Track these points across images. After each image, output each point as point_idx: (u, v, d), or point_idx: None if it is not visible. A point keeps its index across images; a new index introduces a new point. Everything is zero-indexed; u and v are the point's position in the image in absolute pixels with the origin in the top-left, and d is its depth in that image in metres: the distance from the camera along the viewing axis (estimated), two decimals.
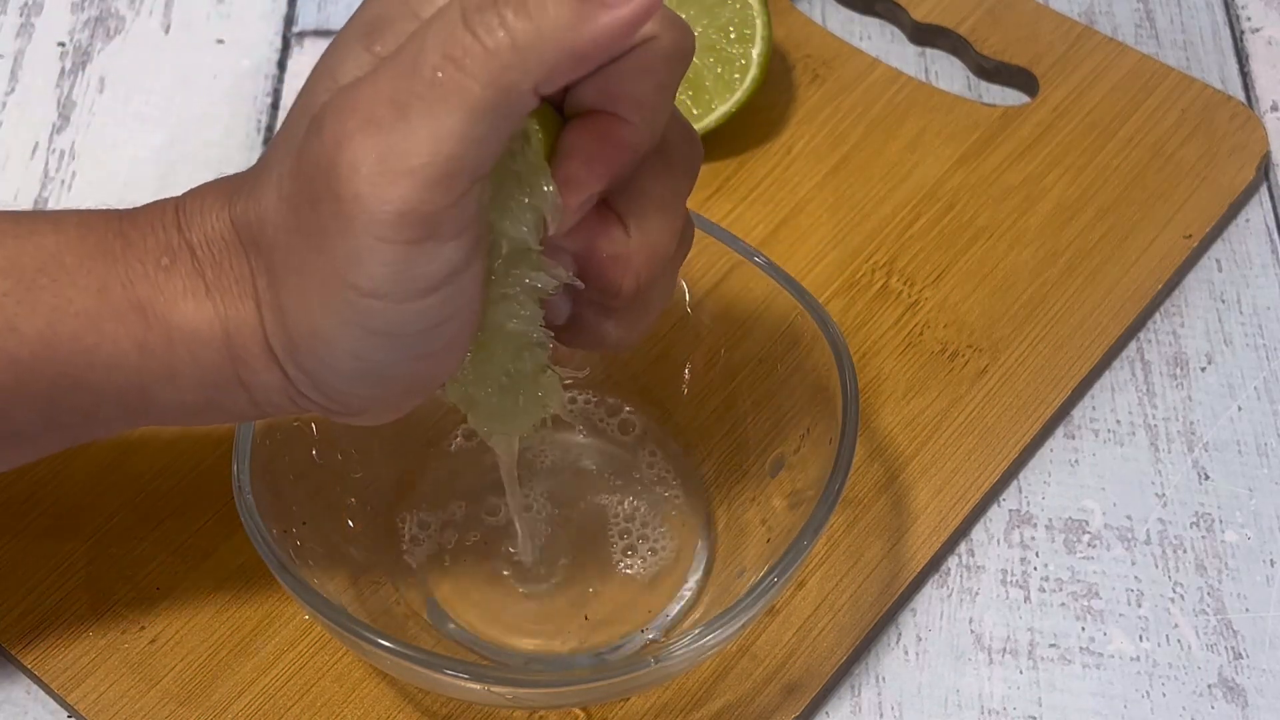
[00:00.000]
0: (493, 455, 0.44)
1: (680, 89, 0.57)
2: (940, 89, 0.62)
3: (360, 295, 0.33)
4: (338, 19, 0.65)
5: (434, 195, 0.32)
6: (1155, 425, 0.53)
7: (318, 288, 0.34)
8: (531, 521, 0.48)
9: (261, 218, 0.35)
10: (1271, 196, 0.60)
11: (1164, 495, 0.51)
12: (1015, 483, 0.52)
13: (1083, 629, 0.48)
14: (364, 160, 0.32)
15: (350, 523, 0.47)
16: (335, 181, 0.32)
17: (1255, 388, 0.54)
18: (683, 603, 0.47)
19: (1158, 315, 0.56)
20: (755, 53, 0.58)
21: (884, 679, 0.47)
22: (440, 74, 0.31)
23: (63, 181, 0.60)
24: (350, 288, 0.33)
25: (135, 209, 0.38)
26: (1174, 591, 0.49)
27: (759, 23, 0.58)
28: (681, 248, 0.38)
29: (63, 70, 0.64)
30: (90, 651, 0.46)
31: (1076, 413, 0.53)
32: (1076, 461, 0.52)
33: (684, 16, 0.58)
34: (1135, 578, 0.50)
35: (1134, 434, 0.53)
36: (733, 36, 0.58)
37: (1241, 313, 0.56)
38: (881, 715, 0.47)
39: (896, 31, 0.65)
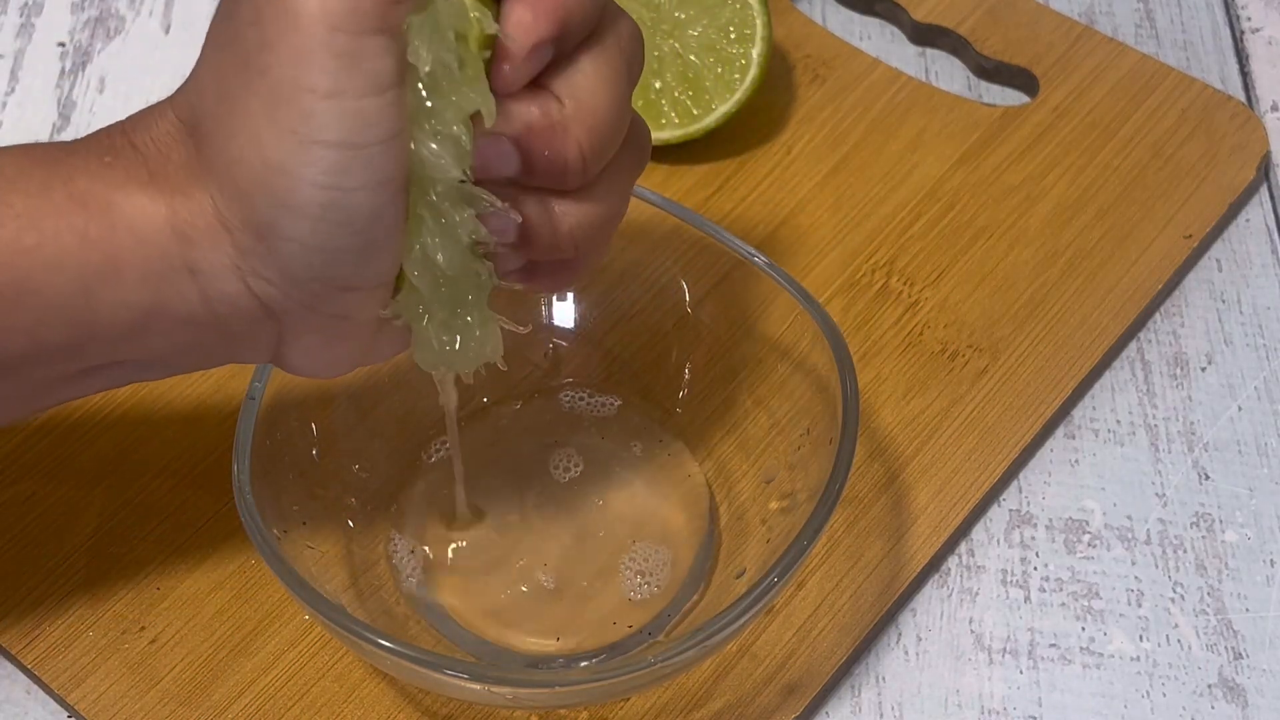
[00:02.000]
0: (488, 453, 0.44)
1: (680, 89, 0.58)
2: (940, 89, 0.62)
3: (316, 98, 0.33)
4: None
5: None
6: (1155, 425, 0.53)
7: (267, 112, 0.33)
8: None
9: (200, 89, 0.35)
10: (1271, 196, 0.60)
11: (1164, 495, 0.51)
12: (1015, 483, 0.52)
13: (1083, 629, 0.48)
14: None
15: (350, 523, 0.47)
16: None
17: (1255, 388, 0.54)
18: (683, 603, 0.47)
19: (1158, 315, 0.56)
20: (755, 53, 0.58)
21: (884, 679, 0.48)
22: None
23: None
24: (306, 92, 0.33)
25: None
26: (1174, 591, 0.49)
27: (759, 23, 0.58)
28: (630, 145, 0.39)
29: (63, 70, 0.64)
30: (90, 651, 0.46)
31: (1077, 413, 0.53)
32: (1077, 461, 0.52)
33: (684, 16, 0.58)
34: (1135, 578, 0.50)
35: (1134, 434, 0.53)
36: (733, 36, 0.58)
37: (1241, 313, 0.56)
38: (881, 715, 0.47)
39: (896, 31, 0.65)
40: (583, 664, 0.46)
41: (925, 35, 0.64)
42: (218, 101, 0.35)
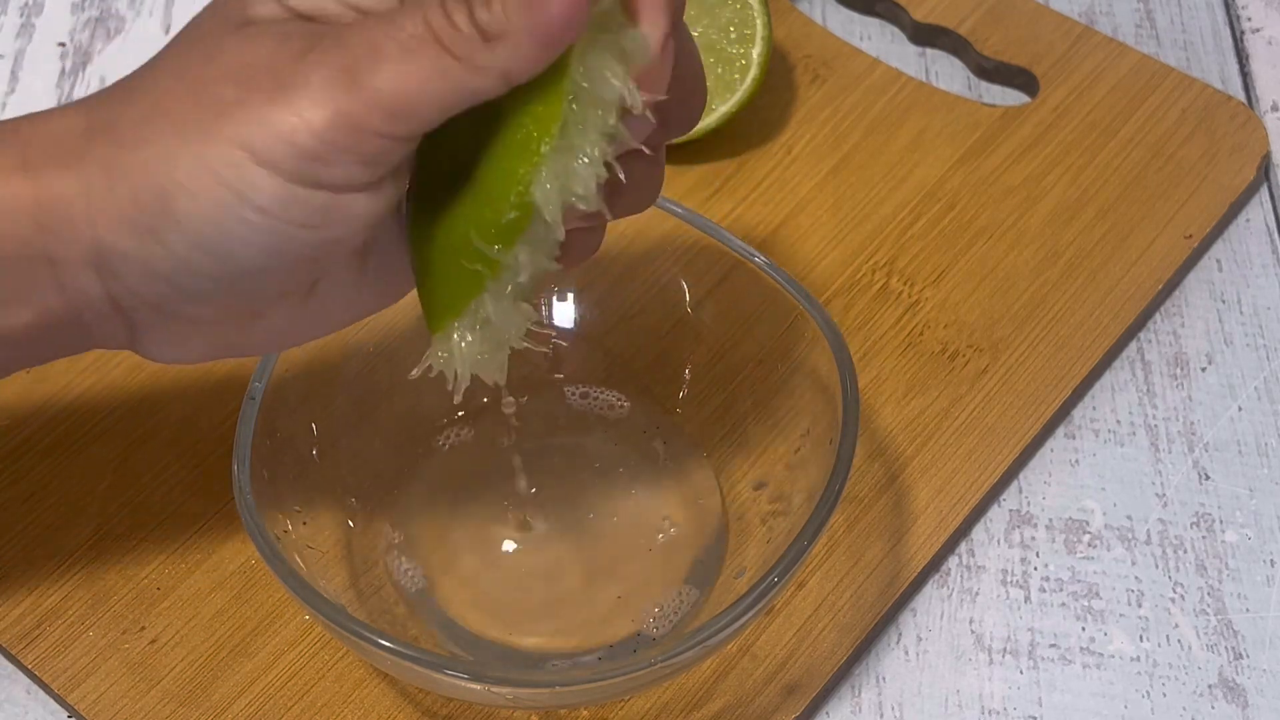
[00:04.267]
0: (488, 452, 0.44)
1: None
2: (940, 89, 0.62)
3: (253, 161, 0.33)
4: None
5: (376, 117, 0.33)
6: (1155, 425, 0.53)
7: (201, 143, 0.33)
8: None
9: (133, 101, 0.35)
10: (1272, 196, 0.60)
11: (1164, 495, 0.51)
12: (1015, 483, 0.52)
13: (1083, 629, 0.48)
14: (329, 63, 0.33)
15: (350, 523, 0.47)
16: (292, 68, 0.33)
17: (1255, 388, 0.54)
18: (683, 603, 0.47)
19: (1158, 315, 0.56)
20: (755, 53, 0.58)
21: (884, 679, 0.48)
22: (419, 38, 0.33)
23: None
24: (245, 149, 0.33)
25: None
26: (1174, 591, 0.49)
27: (759, 23, 0.58)
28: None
29: (63, 70, 0.64)
30: (90, 651, 0.46)
31: (1077, 413, 0.53)
32: (1077, 461, 0.52)
33: (683, 17, 0.58)
34: (1135, 578, 0.50)
35: (1134, 434, 0.53)
36: (733, 36, 0.58)
37: (1241, 313, 0.56)
38: (881, 715, 0.47)
39: (897, 31, 0.65)
40: (583, 664, 0.46)
41: (925, 35, 0.64)
42: (151, 113, 0.35)
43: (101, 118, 0.35)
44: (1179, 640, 0.48)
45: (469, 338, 0.38)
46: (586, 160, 0.35)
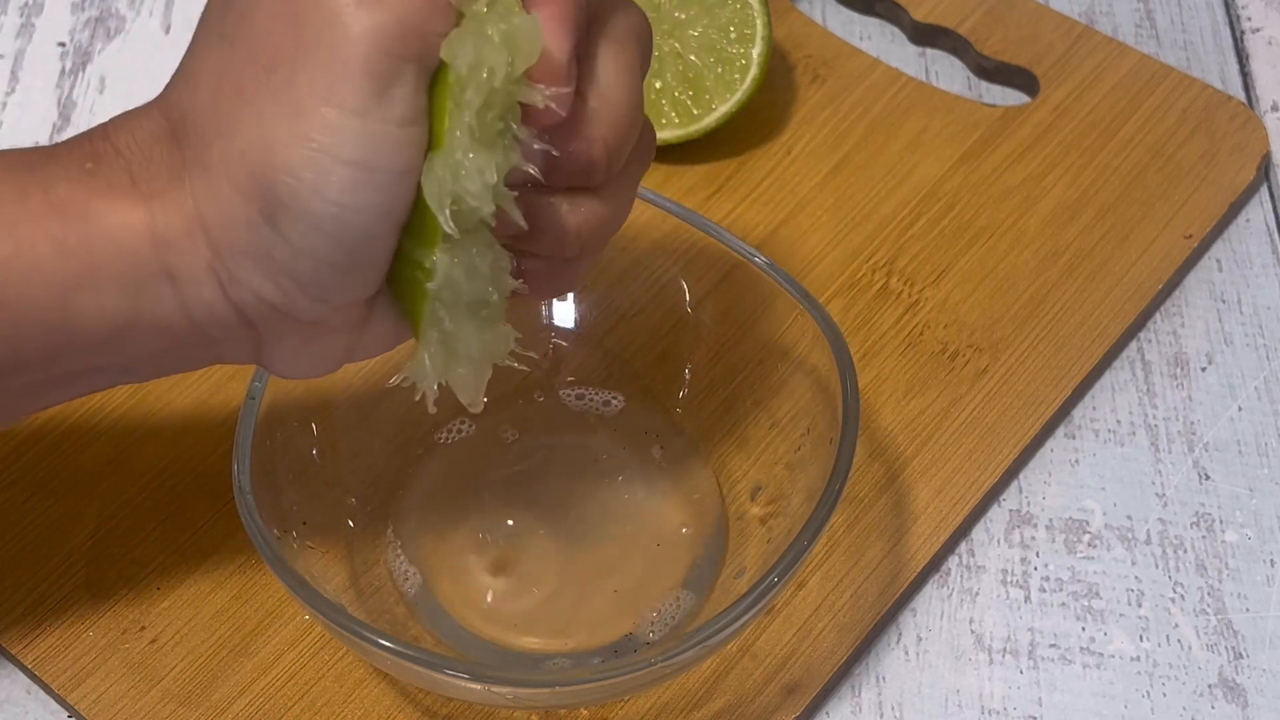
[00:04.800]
0: (488, 452, 0.44)
1: (680, 89, 0.57)
2: (940, 89, 0.62)
3: (343, 114, 0.33)
4: None
5: (428, 15, 0.33)
6: (1155, 425, 0.53)
7: (286, 116, 0.33)
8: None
9: (194, 83, 0.35)
10: (1272, 196, 0.60)
11: (1164, 495, 0.51)
12: (1015, 483, 0.52)
13: (1083, 629, 0.48)
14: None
15: (350, 523, 0.47)
16: (330, 10, 0.33)
17: (1255, 388, 0.54)
18: (683, 602, 0.47)
19: (1158, 315, 0.56)
20: (755, 53, 0.58)
21: (884, 679, 0.47)
22: None
23: None
24: (334, 106, 0.33)
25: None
26: (1174, 591, 0.49)
27: (759, 23, 0.58)
28: (640, 141, 0.38)
29: (63, 70, 0.64)
30: (90, 651, 0.46)
31: (1077, 413, 0.53)
32: (1077, 461, 0.52)
33: (684, 16, 0.58)
34: (1135, 578, 0.50)
35: (1134, 434, 0.53)
36: (733, 36, 0.58)
37: (1241, 313, 0.56)
38: (881, 715, 0.47)
39: (896, 31, 0.65)
40: (583, 664, 0.46)
41: (925, 35, 0.64)
42: (217, 96, 0.34)
43: (175, 114, 0.35)
44: (1179, 640, 0.48)
45: (433, 350, 0.38)
46: (471, 155, 0.34)
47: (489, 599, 0.47)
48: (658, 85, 0.58)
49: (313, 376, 0.39)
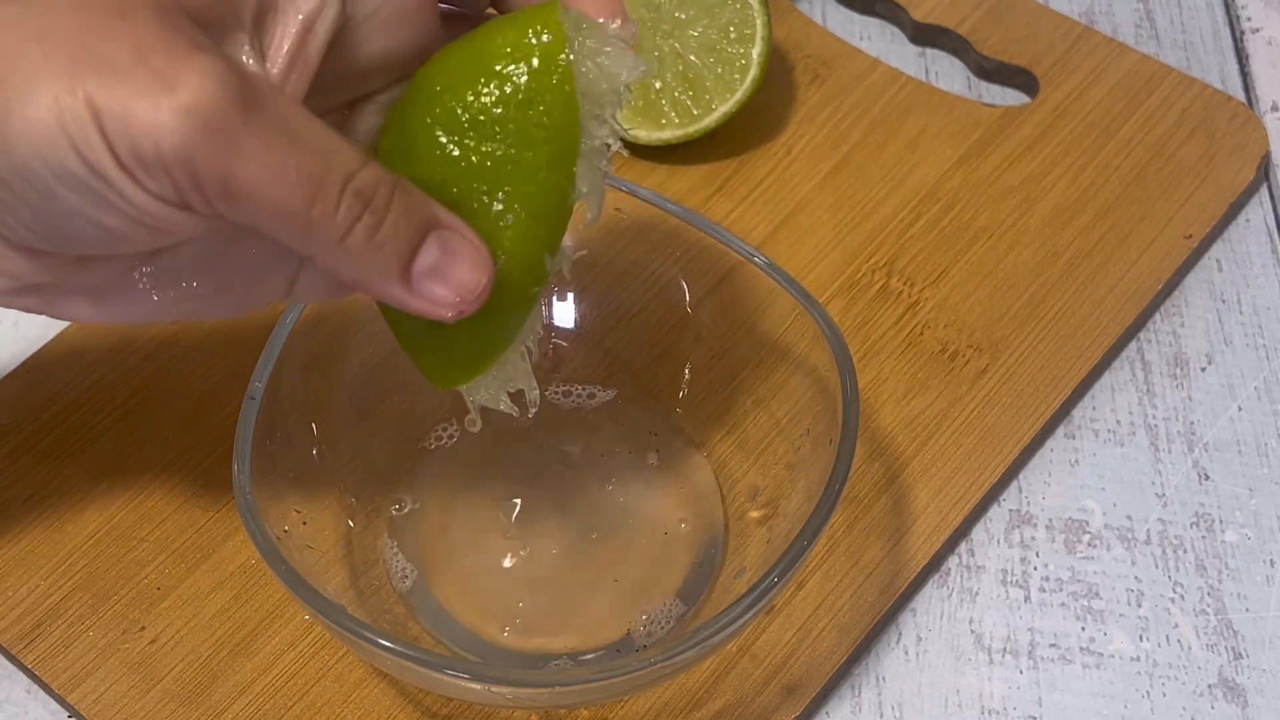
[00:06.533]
0: (488, 452, 0.44)
1: (680, 89, 0.58)
2: (940, 89, 0.62)
3: (95, 128, 0.32)
4: None
5: (212, 186, 0.32)
6: (1155, 425, 0.53)
7: (56, 79, 0.32)
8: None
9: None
10: (1271, 196, 0.60)
11: (1164, 495, 0.51)
12: (1015, 483, 0.52)
13: (1083, 629, 0.48)
14: (216, 102, 0.32)
15: (350, 523, 0.47)
16: (188, 69, 0.32)
17: (1255, 388, 0.54)
18: (684, 603, 0.47)
19: (1158, 315, 0.56)
20: (755, 53, 0.58)
21: (884, 679, 0.48)
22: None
23: None
24: (94, 115, 0.31)
25: None
26: (1174, 591, 0.49)
27: (759, 23, 0.58)
28: None
29: None
30: (90, 651, 0.46)
31: (1076, 413, 0.53)
32: (1076, 461, 0.52)
33: (684, 16, 0.58)
34: (1135, 578, 0.50)
35: (1134, 434, 0.53)
36: (733, 36, 0.58)
37: (1241, 313, 0.56)
38: (881, 715, 0.47)
39: (896, 31, 0.65)
40: (583, 664, 0.46)
41: (925, 35, 0.64)
42: (24, 16, 0.33)
43: None
44: (1179, 640, 0.48)
45: (514, 355, 0.40)
46: (610, 139, 0.37)
47: (489, 599, 0.47)
48: (658, 85, 0.58)
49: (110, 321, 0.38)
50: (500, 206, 0.36)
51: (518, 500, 0.49)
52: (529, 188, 0.36)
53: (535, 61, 0.35)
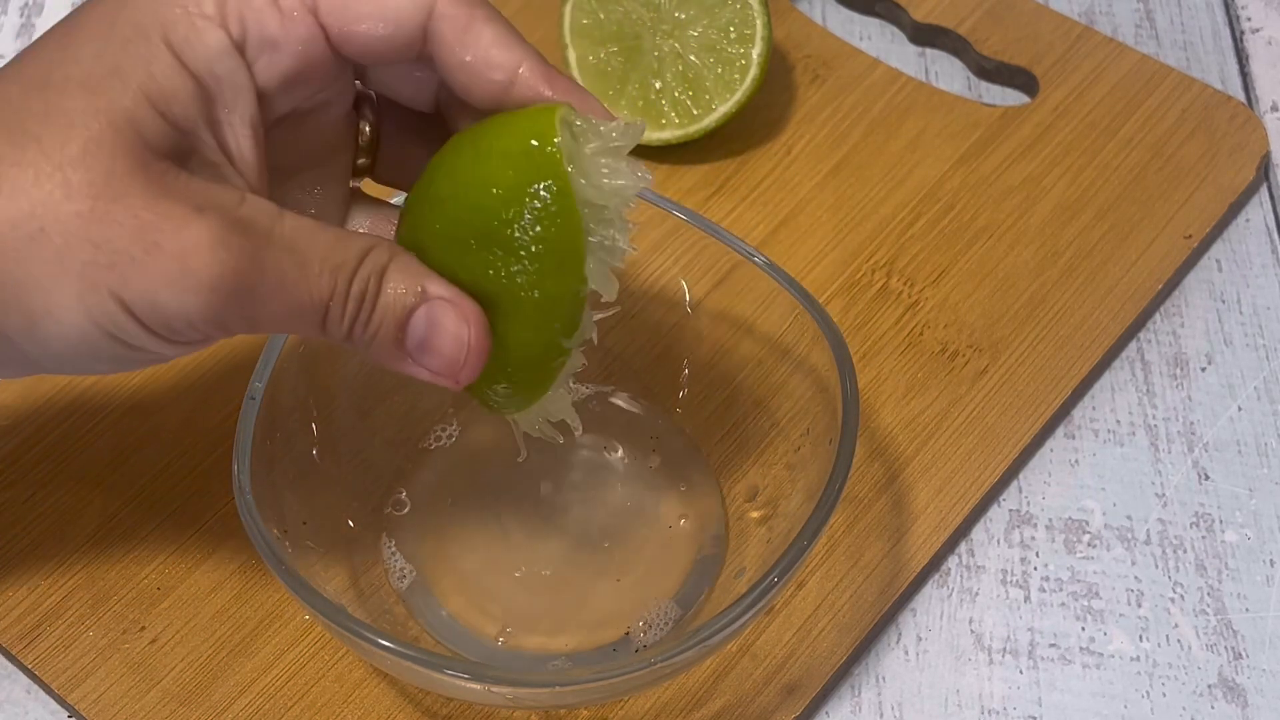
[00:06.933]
0: (487, 453, 0.44)
1: (680, 89, 0.58)
2: (940, 89, 0.62)
3: (127, 315, 0.34)
4: None
5: (242, 327, 0.35)
6: (1155, 425, 0.53)
7: (76, 283, 0.34)
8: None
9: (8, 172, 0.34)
10: (1271, 196, 0.60)
11: (1164, 495, 0.51)
12: (1015, 483, 0.52)
13: (1083, 629, 0.48)
14: (230, 273, 0.34)
15: (350, 522, 0.47)
16: (196, 253, 0.34)
17: (1255, 388, 0.54)
18: (684, 603, 0.47)
19: (1158, 315, 0.56)
20: (755, 53, 0.58)
21: (884, 679, 0.48)
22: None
23: None
24: (123, 307, 0.34)
25: None
26: (1174, 591, 0.49)
27: (759, 23, 0.58)
28: None
29: None
30: (90, 651, 0.46)
31: (1076, 413, 0.53)
32: (1076, 461, 0.52)
33: (684, 16, 0.58)
34: (1135, 578, 0.50)
35: (1134, 434, 0.53)
36: (733, 36, 0.58)
37: (1241, 313, 0.56)
38: (881, 715, 0.47)
39: (896, 31, 0.65)
40: (583, 664, 0.46)
41: (925, 35, 0.64)
42: (29, 218, 0.34)
43: None
44: (1179, 640, 0.48)
45: (555, 396, 0.41)
46: (619, 237, 0.38)
47: (488, 599, 0.47)
48: (658, 85, 0.58)
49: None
50: (511, 304, 0.37)
51: (517, 500, 0.49)
52: (534, 293, 0.37)
53: (534, 179, 0.36)
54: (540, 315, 0.38)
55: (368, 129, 0.41)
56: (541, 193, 0.36)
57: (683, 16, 0.58)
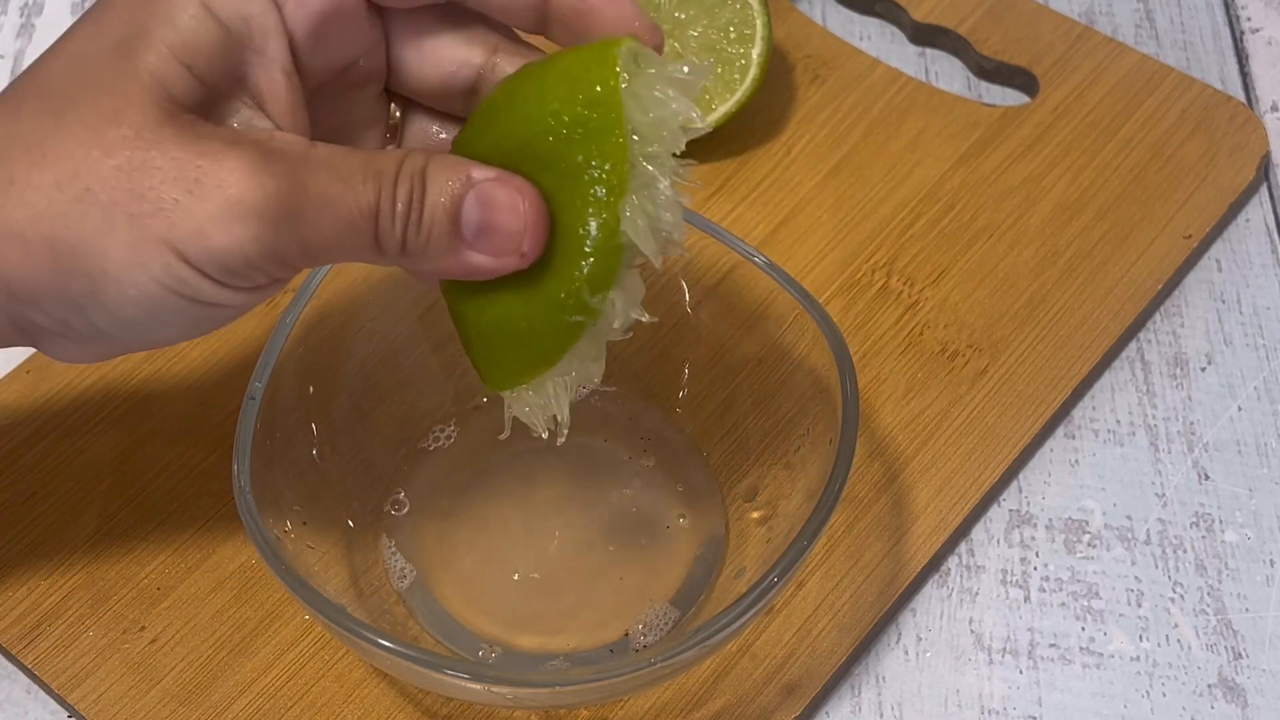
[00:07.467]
0: (487, 453, 0.44)
1: None
2: (940, 89, 0.62)
3: (184, 262, 0.34)
4: None
5: (298, 256, 0.35)
6: (1155, 425, 0.53)
7: (128, 240, 0.34)
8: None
9: (38, 140, 0.35)
10: (1271, 196, 0.60)
11: (1164, 495, 0.51)
12: (1015, 483, 0.52)
13: (1083, 629, 0.48)
14: (280, 196, 0.34)
15: (350, 523, 0.47)
16: (239, 186, 0.34)
17: (1255, 388, 0.54)
18: (684, 603, 0.47)
19: (1158, 315, 0.56)
20: (755, 53, 0.58)
21: (884, 679, 0.48)
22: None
23: None
24: (179, 255, 0.34)
25: None
26: (1174, 591, 0.49)
27: (759, 23, 0.58)
28: None
29: None
30: (90, 651, 0.46)
31: (1076, 413, 0.53)
32: (1076, 461, 0.52)
33: (684, 16, 0.58)
34: (1135, 578, 0.50)
35: (1134, 434, 0.53)
36: (733, 36, 0.58)
37: (1241, 313, 0.56)
38: (881, 715, 0.47)
39: (896, 31, 0.65)
40: (583, 664, 0.46)
41: (925, 35, 0.64)
42: (73, 179, 0.34)
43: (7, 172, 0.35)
44: (1179, 640, 0.48)
45: (561, 383, 0.39)
46: (665, 185, 0.36)
47: (488, 599, 0.47)
48: None
49: (87, 363, 0.41)
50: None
51: (516, 500, 0.49)
52: (568, 217, 0.36)
53: (586, 89, 0.35)
54: (567, 247, 0.36)
55: (397, 112, 0.41)
56: (589, 102, 0.35)
57: (682, 16, 0.58)
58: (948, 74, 0.64)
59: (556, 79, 0.36)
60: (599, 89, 0.35)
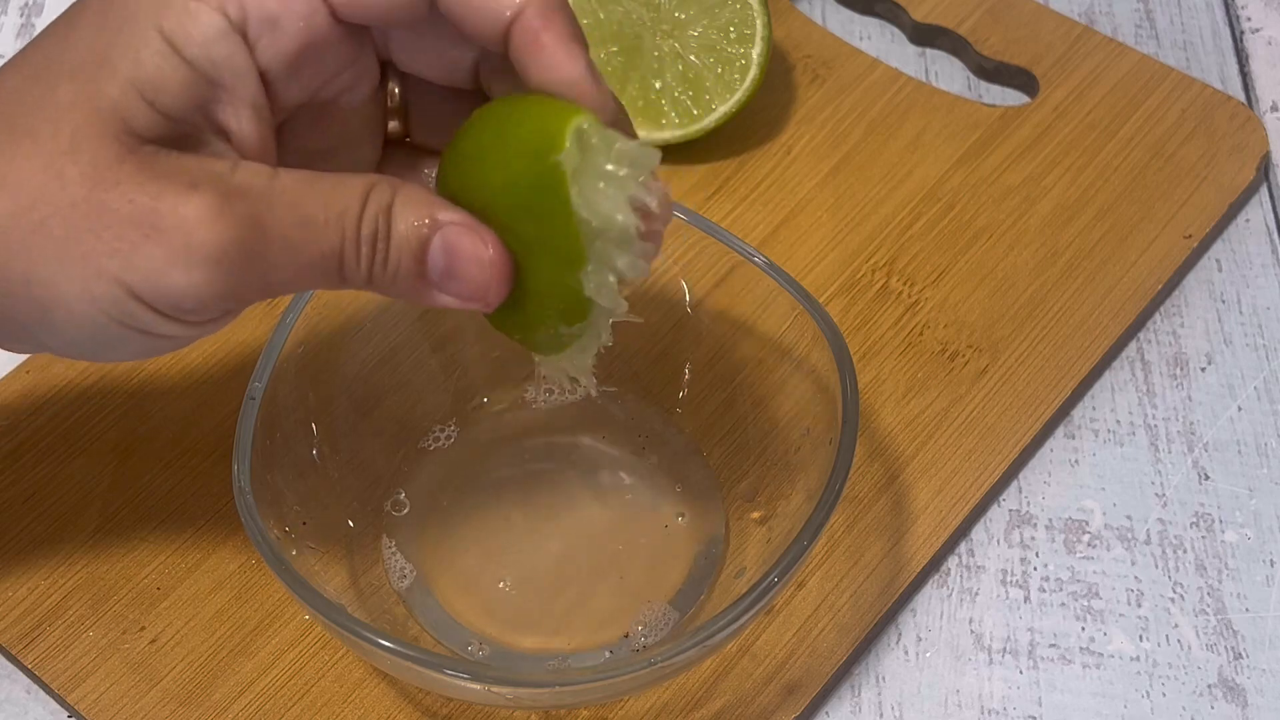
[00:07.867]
0: (487, 452, 0.44)
1: (680, 89, 0.57)
2: (940, 89, 0.62)
3: (137, 302, 0.34)
4: None
5: (257, 295, 0.35)
6: (1155, 425, 0.53)
7: (81, 274, 0.34)
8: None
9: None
10: (1271, 196, 0.60)
11: (1164, 495, 0.51)
12: (1015, 483, 0.52)
13: (1083, 629, 0.48)
14: (239, 236, 0.34)
15: (350, 522, 0.47)
16: (198, 225, 0.34)
17: (1255, 388, 0.54)
18: (684, 603, 0.47)
19: (1158, 315, 0.56)
20: (755, 53, 0.58)
21: (884, 679, 0.48)
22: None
23: None
24: (131, 294, 0.34)
25: None
26: (1174, 591, 0.49)
27: (759, 23, 0.58)
28: None
29: None
30: (90, 651, 0.46)
31: (1076, 413, 0.53)
32: (1076, 461, 0.52)
33: (684, 16, 0.58)
34: (1135, 578, 0.50)
35: (1134, 434, 0.53)
36: (733, 36, 0.58)
37: (1241, 313, 0.56)
38: (881, 715, 0.47)
39: (896, 31, 0.65)
40: (583, 664, 0.46)
41: (925, 35, 0.64)
42: (27, 212, 0.34)
43: None
44: (1179, 640, 0.48)
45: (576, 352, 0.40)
46: (623, 262, 0.37)
47: (488, 599, 0.47)
48: (657, 85, 0.58)
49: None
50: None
51: (516, 500, 0.49)
52: (535, 264, 0.37)
53: (538, 172, 0.35)
54: (541, 293, 0.37)
55: (396, 91, 0.40)
56: (539, 188, 0.35)
57: (683, 16, 0.58)
58: (948, 74, 0.64)
59: (515, 150, 0.36)
60: (545, 178, 0.35)
